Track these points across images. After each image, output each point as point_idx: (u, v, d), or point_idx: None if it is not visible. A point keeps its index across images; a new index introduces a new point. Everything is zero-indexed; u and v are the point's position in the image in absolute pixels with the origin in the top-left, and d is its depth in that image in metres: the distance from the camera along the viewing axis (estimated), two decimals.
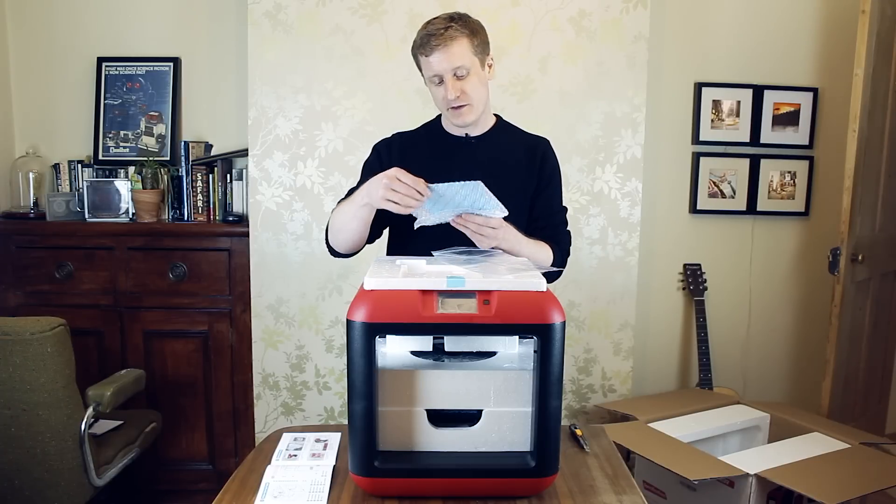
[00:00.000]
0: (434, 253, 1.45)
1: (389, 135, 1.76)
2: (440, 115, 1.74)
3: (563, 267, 1.71)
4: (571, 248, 1.77)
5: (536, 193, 1.71)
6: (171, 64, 2.89)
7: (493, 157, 1.68)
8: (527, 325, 1.16)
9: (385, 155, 1.70)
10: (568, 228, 1.76)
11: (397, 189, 1.40)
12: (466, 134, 1.68)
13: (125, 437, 2.31)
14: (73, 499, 2.03)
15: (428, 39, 1.54)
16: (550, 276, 1.66)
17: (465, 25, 1.56)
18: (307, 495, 1.24)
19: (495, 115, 1.76)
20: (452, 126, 1.68)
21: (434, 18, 1.58)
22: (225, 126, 2.94)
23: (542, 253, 1.62)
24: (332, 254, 1.71)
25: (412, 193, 1.40)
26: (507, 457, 1.22)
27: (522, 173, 1.69)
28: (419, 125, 1.78)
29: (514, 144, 1.72)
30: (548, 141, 1.75)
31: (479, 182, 1.39)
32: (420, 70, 1.63)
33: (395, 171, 1.42)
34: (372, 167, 1.69)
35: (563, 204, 1.77)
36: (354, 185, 1.72)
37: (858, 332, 2.90)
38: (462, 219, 1.47)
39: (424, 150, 1.69)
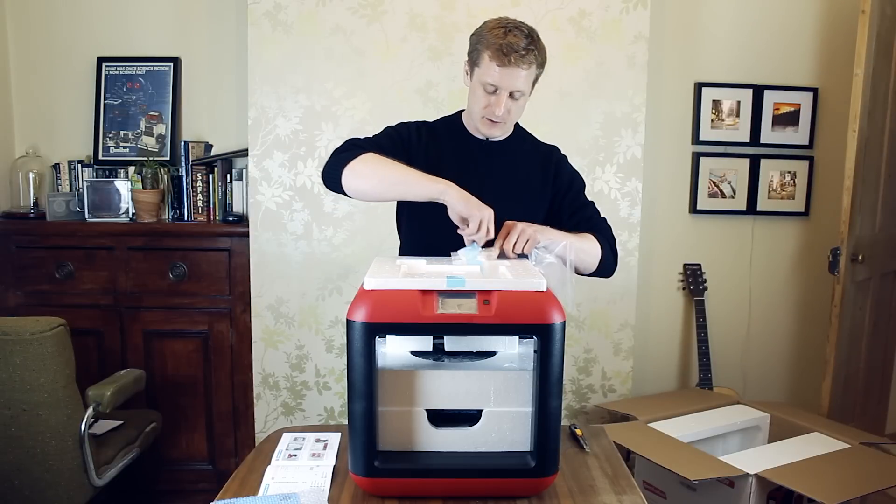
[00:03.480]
0: (455, 253, 1.45)
1: (414, 120, 1.75)
2: (460, 112, 1.74)
3: (616, 254, 1.69)
4: None
5: (559, 199, 1.71)
6: (171, 64, 2.89)
7: (510, 162, 1.69)
8: (527, 325, 1.16)
9: (413, 138, 1.68)
10: (604, 216, 1.74)
11: (479, 227, 1.41)
12: (487, 137, 1.69)
13: (125, 437, 2.31)
14: (73, 499, 2.03)
15: (509, 51, 1.49)
16: (607, 268, 1.67)
17: (539, 54, 1.54)
18: (307, 496, 1.24)
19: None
20: (475, 129, 1.68)
21: (515, 29, 1.52)
22: (225, 126, 2.94)
23: (588, 243, 1.61)
24: (327, 184, 1.59)
25: (480, 234, 1.41)
26: (507, 457, 1.22)
27: (536, 181, 1.70)
28: (437, 118, 1.77)
29: (529, 153, 1.73)
30: (558, 149, 1.77)
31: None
32: (473, 61, 1.57)
33: (490, 216, 1.42)
34: (392, 138, 1.67)
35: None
36: (374, 135, 1.69)
37: (858, 332, 2.90)
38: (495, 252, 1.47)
39: (445, 146, 1.69)
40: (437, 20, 2.61)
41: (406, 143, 1.67)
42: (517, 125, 1.75)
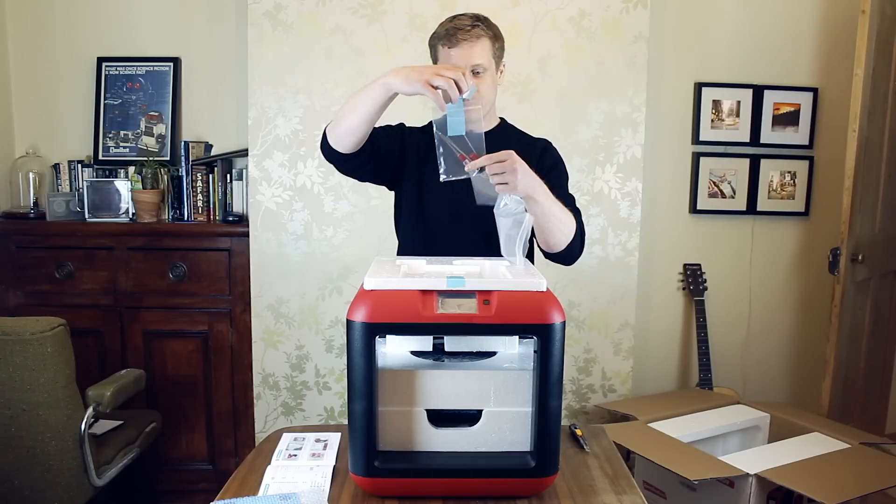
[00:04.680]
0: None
1: (414, 121, 1.81)
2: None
3: (583, 245, 1.67)
4: None
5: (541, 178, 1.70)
6: (171, 64, 2.89)
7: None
8: (527, 325, 1.16)
9: (406, 133, 1.75)
10: (578, 208, 1.72)
11: (444, 74, 1.42)
12: (469, 131, 1.68)
13: (125, 437, 2.31)
14: (73, 499, 2.03)
15: (455, 32, 1.59)
16: (573, 253, 1.64)
17: (489, 28, 1.63)
18: (307, 496, 1.24)
19: (500, 118, 1.78)
20: None
21: (461, 15, 1.64)
22: (225, 126, 2.94)
23: (568, 217, 1.59)
24: (324, 152, 1.70)
25: (456, 81, 1.41)
26: (507, 457, 1.22)
27: None
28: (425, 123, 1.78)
29: (513, 144, 1.72)
30: (548, 141, 1.78)
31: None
32: (434, 59, 1.68)
33: (437, 67, 1.46)
34: (385, 127, 1.73)
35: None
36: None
37: (858, 332, 2.90)
38: (472, 162, 1.46)
39: (430, 146, 1.69)
40: (437, 20, 2.57)
41: (400, 134, 1.74)
42: (505, 122, 1.77)
